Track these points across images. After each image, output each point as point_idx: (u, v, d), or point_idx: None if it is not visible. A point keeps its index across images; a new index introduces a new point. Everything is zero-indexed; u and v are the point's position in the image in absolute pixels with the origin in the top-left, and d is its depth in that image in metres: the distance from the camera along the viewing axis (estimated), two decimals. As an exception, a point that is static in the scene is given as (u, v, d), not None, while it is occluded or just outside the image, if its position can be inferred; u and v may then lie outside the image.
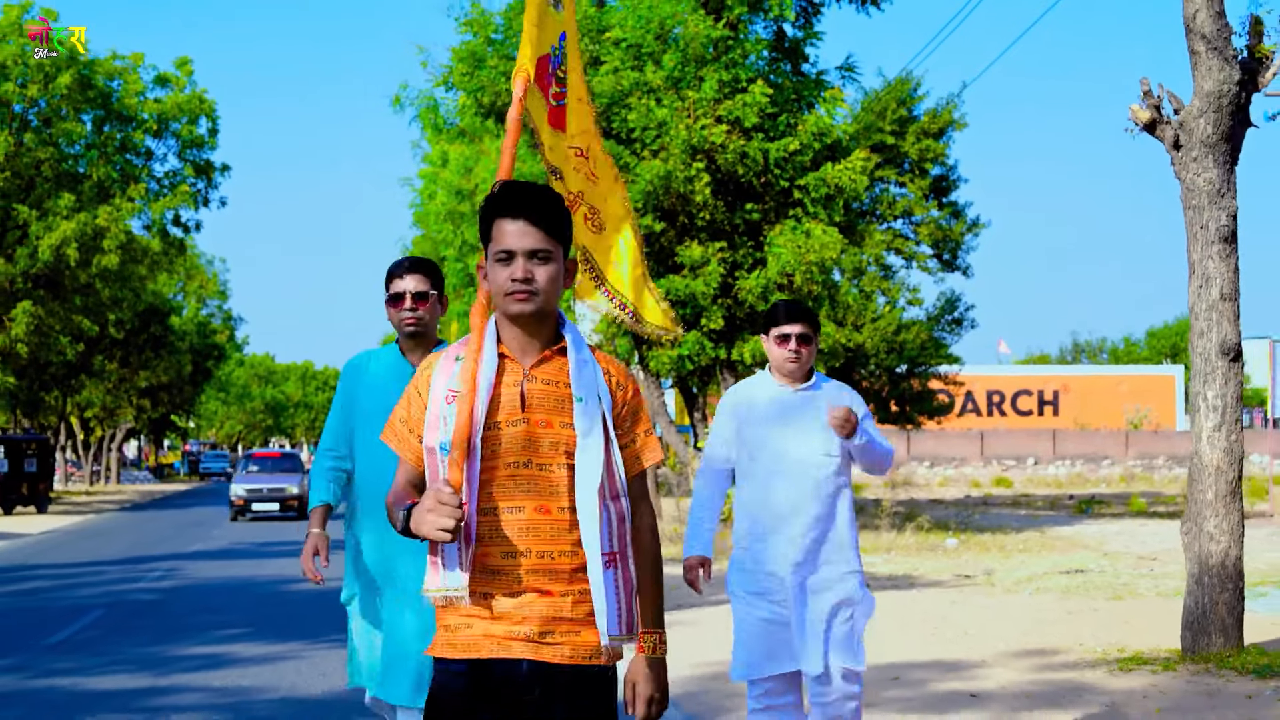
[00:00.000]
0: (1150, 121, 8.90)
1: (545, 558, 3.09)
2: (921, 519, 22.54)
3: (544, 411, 3.14)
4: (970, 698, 7.93)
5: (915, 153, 32.60)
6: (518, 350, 3.18)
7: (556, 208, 3.17)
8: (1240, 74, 8.63)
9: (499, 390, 3.14)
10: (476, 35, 19.48)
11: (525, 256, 3.10)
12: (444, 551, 3.11)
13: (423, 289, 5.07)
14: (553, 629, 3.09)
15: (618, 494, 3.18)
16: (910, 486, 45.48)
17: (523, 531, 3.10)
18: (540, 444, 3.13)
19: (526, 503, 3.11)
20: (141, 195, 35.71)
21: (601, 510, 3.12)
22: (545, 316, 3.17)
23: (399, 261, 5.18)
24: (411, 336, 5.09)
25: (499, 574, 3.10)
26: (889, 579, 15.32)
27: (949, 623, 11.34)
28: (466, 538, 3.09)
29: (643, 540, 3.26)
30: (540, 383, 3.16)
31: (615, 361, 3.29)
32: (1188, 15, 8.58)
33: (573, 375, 3.16)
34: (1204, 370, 8.83)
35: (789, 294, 19.03)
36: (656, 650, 3.22)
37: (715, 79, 18.66)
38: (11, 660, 10.02)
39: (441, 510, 2.94)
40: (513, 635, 3.08)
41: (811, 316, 5.50)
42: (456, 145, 29.93)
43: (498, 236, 3.13)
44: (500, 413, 3.13)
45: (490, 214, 3.17)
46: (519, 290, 3.09)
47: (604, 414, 3.18)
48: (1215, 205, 8.66)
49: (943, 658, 9.46)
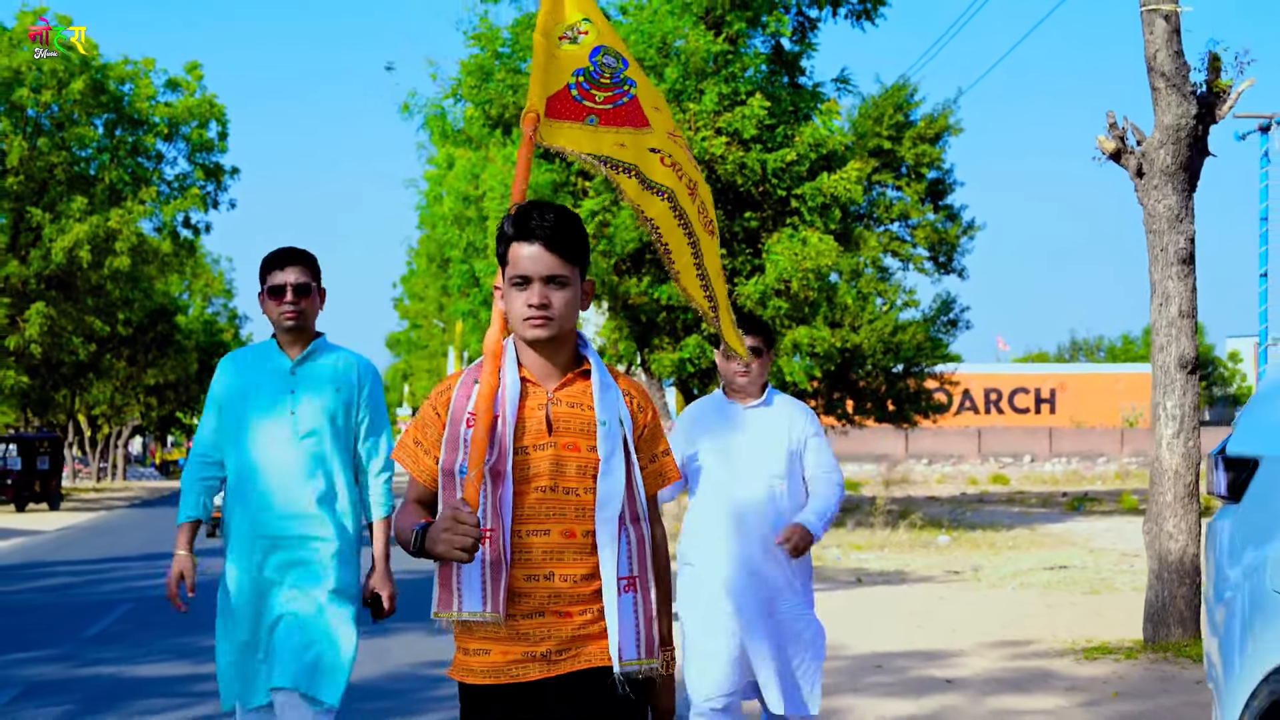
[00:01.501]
0: (1115, 151, 9.60)
1: (568, 581, 3.09)
2: (914, 516, 23.23)
3: (570, 435, 3.13)
4: (945, 683, 8.64)
5: (912, 157, 33.32)
6: (540, 374, 3.17)
7: (573, 230, 3.13)
8: (1198, 108, 9.32)
9: (524, 414, 3.12)
10: (484, 49, 20.14)
11: (542, 282, 3.08)
12: (461, 575, 3.06)
13: (304, 281, 4.88)
14: (569, 648, 3.10)
15: (638, 517, 3.17)
16: (908, 484, 46.09)
17: (547, 555, 3.09)
18: (567, 468, 3.11)
19: (553, 526, 3.10)
20: (152, 198, 36.42)
21: (621, 534, 3.12)
22: (564, 340, 3.16)
23: (277, 252, 4.95)
24: (290, 331, 4.89)
25: (521, 596, 3.08)
26: (880, 575, 15.99)
27: (934, 616, 12.03)
28: (498, 564, 3.06)
29: (655, 559, 3.25)
30: (565, 406, 3.14)
31: (634, 383, 3.29)
32: (1149, 55, 9.27)
33: (596, 398, 3.15)
34: (1164, 382, 9.53)
35: (786, 300, 19.73)
36: (668, 668, 3.20)
37: (715, 92, 19.32)
38: (56, 651, 10.72)
39: (459, 529, 2.91)
40: (529, 657, 3.08)
41: (765, 330, 5.39)
42: (463, 150, 30.59)
43: (514, 261, 3.11)
44: (527, 437, 3.11)
45: (506, 238, 3.14)
46: (535, 316, 3.08)
47: (625, 437, 3.17)
48: (1174, 230, 9.35)
49: (924, 648, 10.16)
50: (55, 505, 35.92)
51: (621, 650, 3.07)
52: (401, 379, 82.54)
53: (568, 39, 3.65)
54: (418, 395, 69.40)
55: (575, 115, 3.54)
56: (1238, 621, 3.10)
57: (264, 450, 4.88)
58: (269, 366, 4.94)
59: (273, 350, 4.95)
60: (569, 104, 3.54)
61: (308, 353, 4.95)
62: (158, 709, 8.26)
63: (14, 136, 33.96)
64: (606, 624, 3.08)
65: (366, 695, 8.45)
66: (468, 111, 21.12)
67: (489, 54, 20.07)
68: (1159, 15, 9.20)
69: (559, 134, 3.50)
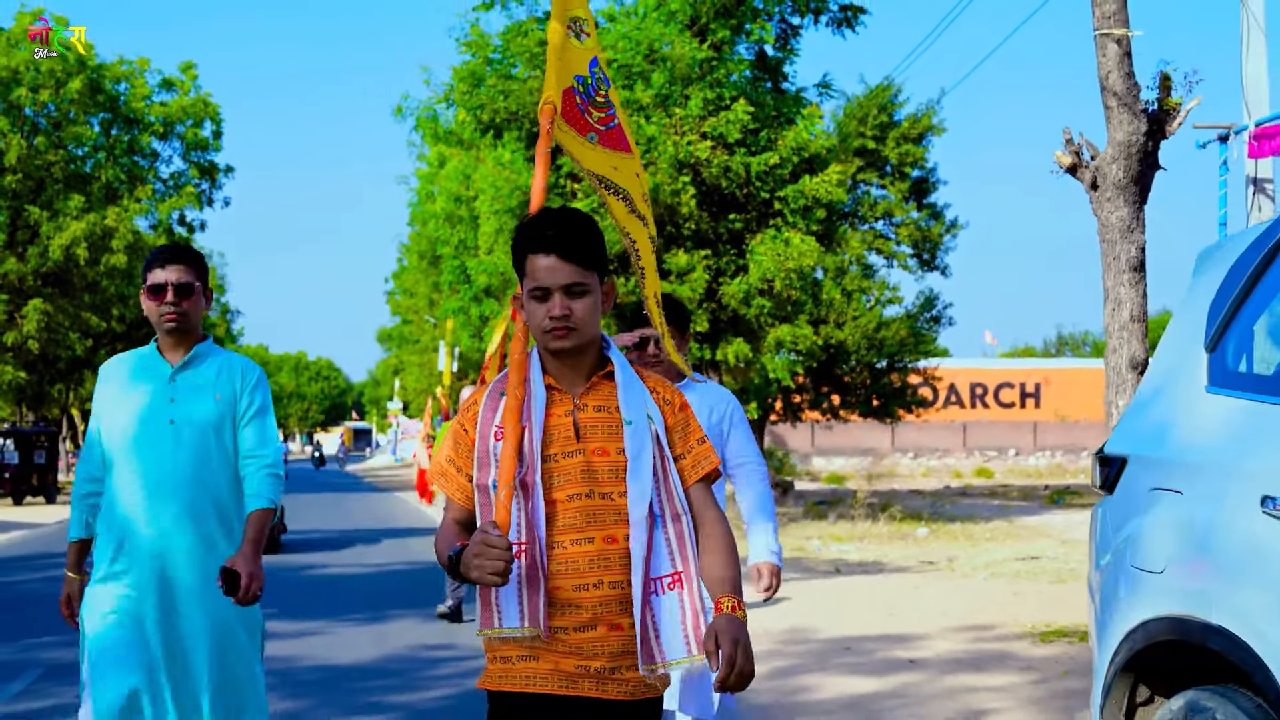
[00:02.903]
0: (1072, 165, 10.20)
1: (616, 588, 3.04)
2: (894, 509, 23.85)
3: (599, 439, 3.10)
4: (909, 663, 9.26)
5: (895, 157, 33.92)
6: (565, 380, 3.15)
7: (589, 236, 3.09)
8: (1148, 125, 9.93)
9: (551, 422, 3.09)
10: (476, 55, 20.72)
11: (561, 292, 3.05)
12: (499, 593, 3.03)
13: (186, 280, 4.63)
14: (620, 664, 3.05)
15: (679, 513, 3.11)
16: (893, 477, 46.74)
17: (593, 563, 3.04)
18: (599, 473, 3.07)
19: (596, 533, 3.05)
20: (148, 196, 36.98)
21: (658, 533, 3.08)
22: (588, 346, 3.13)
23: (158, 250, 4.73)
24: (171, 333, 4.64)
25: (574, 608, 3.04)
26: (859, 565, 16.60)
27: (905, 603, 12.65)
28: (533, 578, 3.02)
29: (716, 530, 3.17)
30: (592, 411, 3.12)
31: (659, 378, 3.24)
32: (1102, 75, 9.88)
33: (621, 398, 3.12)
34: (1116, 382, 10.15)
35: (770, 299, 20.35)
36: (736, 610, 3.04)
37: (700, 97, 19.90)
38: (71, 636, 11.25)
39: (489, 554, 2.89)
40: (582, 672, 3.03)
41: (678, 312, 5.19)
42: (455, 150, 31.16)
43: (531, 272, 3.07)
44: (555, 444, 3.08)
45: (522, 248, 3.11)
46: (557, 328, 3.05)
47: (656, 434, 3.12)
48: (1126, 239, 9.97)
49: (892, 632, 10.77)
50: (51, 498, 36.39)
51: (667, 651, 3.03)
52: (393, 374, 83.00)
53: (573, 32, 3.60)
54: (409, 389, 69.89)
55: (580, 128, 3.51)
56: (1107, 590, 3.72)
57: (143, 460, 4.59)
58: (148, 373, 4.67)
59: (153, 356, 4.69)
60: (574, 112, 3.49)
61: (189, 358, 4.70)
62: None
63: (12, 135, 34.46)
64: (635, 621, 3.02)
65: (365, 675, 9.04)
66: (459, 115, 21.69)
67: (480, 60, 20.63)
68: (1111, 39, 9.81)
69: (569, 140, 3.46)
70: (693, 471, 3.16)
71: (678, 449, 3.16)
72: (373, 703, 8.09)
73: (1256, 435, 3.23)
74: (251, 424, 4.74)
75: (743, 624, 3.02)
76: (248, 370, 4.79)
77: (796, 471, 48.62)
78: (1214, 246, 3.86)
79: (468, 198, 27.71)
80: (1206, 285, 3.70)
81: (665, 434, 3.14)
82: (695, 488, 3.16)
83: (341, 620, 11.84)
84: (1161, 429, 3.66)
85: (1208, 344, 3.57)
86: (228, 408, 4.70)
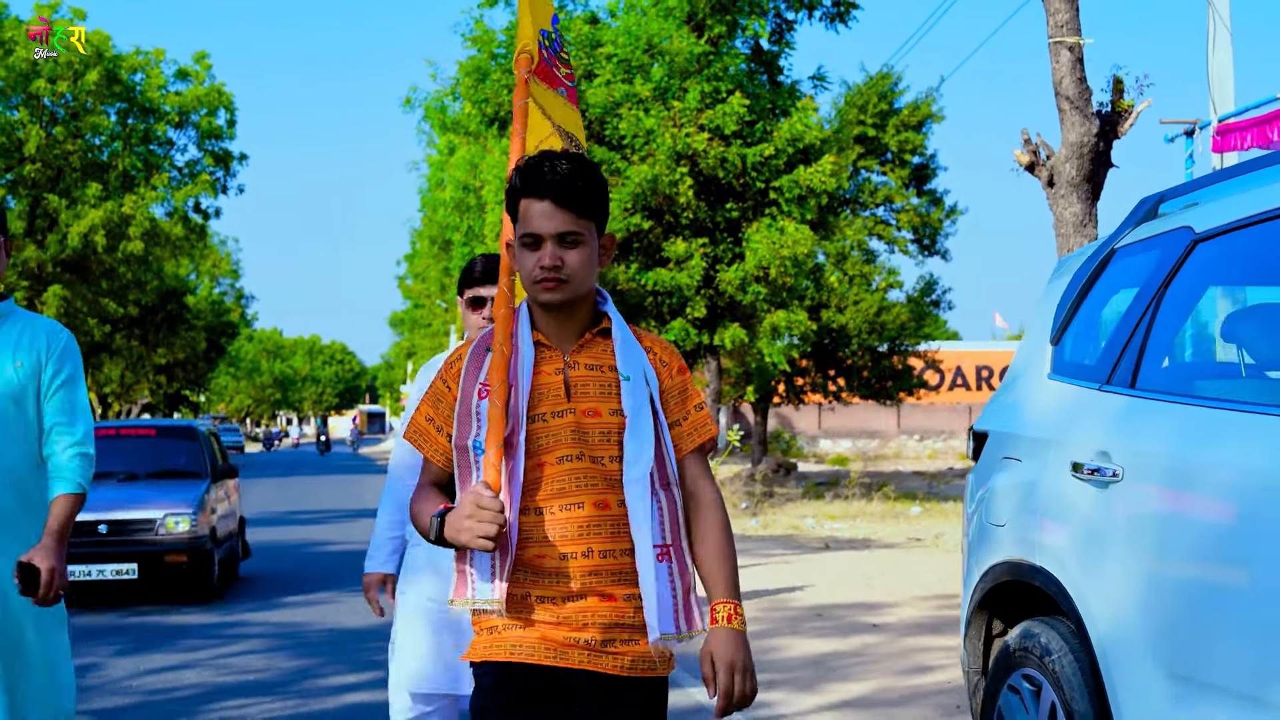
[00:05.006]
0: (1030, 164, 10.92)
1: (608, 556, 2.85)
2: (888, 488, 24.59)
3: (591, 399, 2.90)
4: (872, 627, 10.02)
5: (895, 144, 34.61)
6: (555, 336, 2.95)
7: (589, 182, 2.88)
8: (1100, 126, 10.65)
9: (539, 380, 2.90)
10: (481, 51, 21.47)
11: (554, 241, 2.85)
12: (476, 560, 2.86)
13: None
14: (614, 637, 2.86)
15: (668, 482, 2.93)
16: (898, 459, 47.45)
17: (583, 529, 2.84)
18: (590, 435, 2.88)
19: (585, 498, 2.85)
20: (164, 184, 37.73)
21: (653, 501, 2.88)
22: (581, 301, 2.93)
23: None
24: None
25: (558, 576, 2.84)
26: (849, 541, 17.36)
27: (885, 575, 13.40)
28: (504, 544, 2.82)
29: (711, 515, 2.98)
30: (584, 369, 2.92)
31: (659, 339, 3.05)
32: (1055, 80, 10.59)
33: (618, 355, 2.93)
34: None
35: (765, 286, 21.12)
36: (732, 620, 2.87)
37: (698, 90, 20.64)
38: (101, 602, 12.14)
39: (482, 516, 2.72)
40: (571, 643, 2.85)
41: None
42: (464, 139, 31.89)
43: (524, 218, 2.87)
44: (544, 404, 2.88)
45: (516, 193, 2.90)
46: (547, 278, 2.85)
47: (651, 396, 2.93)
48: (1079, 234, 10.68)
49: (865, 600, 11.53)
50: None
51: (660, 622, 2.83)
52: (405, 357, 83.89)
53: None
54: (421, 373, 70.75)
55: (550, 82, 3.36)
56: (969, 542, 4.47)
57: None
58: None
59: None
60: (544, 66, 3.36)
61: None
62: (198, 646, 9.68)
63: (31, 126, 35.27)
64: (642, 592, 2.83)
65: (371, 637, 9.82)
66: (465, 108, 22.44)
67: (485, 55, 21.38)
68: (1064, 47, 10.52)
69: (542, 93, 3.32)
70: (689, 440, 2.98)
71: (674, 414, 2.98)
72: (376, 660, 8.86)
73: (1073, 413, 3.97)
74: (58, 395, 4.26)
75: (742, 639, 2.87)
76: (54, 334, 4.31)
77: (803, 454, 49.40)
78: (1069, 257, 4.62)
79: (475, 186, 28.41)
80: (1057, 290, 4.47)
81: (660, 397, 2.95)
82: (690, 458, 2.98)
83: (350, 591, 12.62)
84: (1013, 408, 4.41)
85: (1052, 339, 4.32)
86: (30, 376, 4.22)
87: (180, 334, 54.83)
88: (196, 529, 12.06)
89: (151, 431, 14.48)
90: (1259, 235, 3.46)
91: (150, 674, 8.73)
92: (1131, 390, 3.73)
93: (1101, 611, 3.56)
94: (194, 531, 12.03)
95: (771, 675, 8.14)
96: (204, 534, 12.16)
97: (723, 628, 2.86)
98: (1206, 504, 3.24)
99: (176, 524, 11.99)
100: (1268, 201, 3.42)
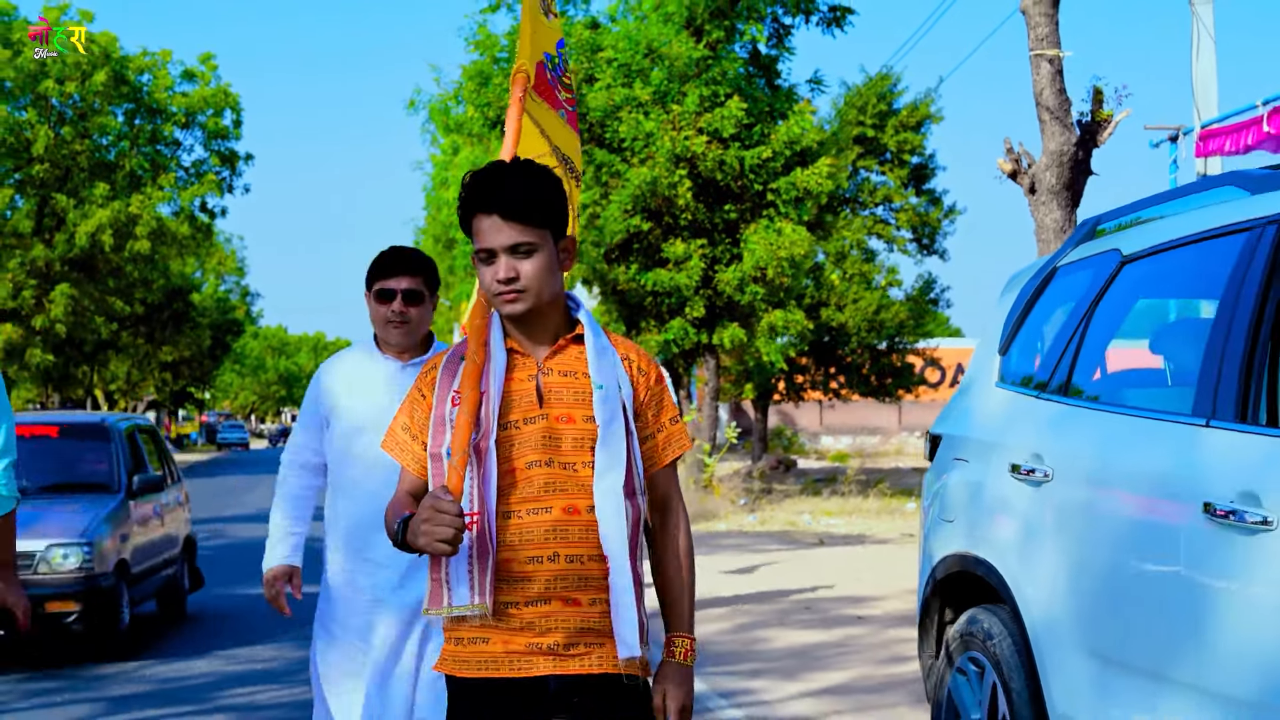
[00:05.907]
0: (1013, 171, 11.27)
1: (574, 562, 2.82)
2: (883, 484, 24.94)
3: (564, 405, 2.89)
4: (856, 619, 10.38)
5: (894, 144, 34.94)
6: (527, 344, 2.94)
7: (536, 191, 2.84)
8: (1079, 135, 10.99)
9: (511, 387, 2.89)
10: (483, 55, 21.84)
11: (506, 253, 2.83)
12: (449, 567, 2.81)
13: None
14: (578, 640, 2.83)
15: (634, 491, 2.90)
16: (899, 455, 47.78)
17: (549, 534, 2.82)
18: (563, 440, 2.87)
19: (554, 503, 2.84)
20: (170, 184, 38.19)
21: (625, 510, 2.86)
22: (548, 307, 2.91)
23: None
24: None
25: (524, 581, 2.82)
26: (843, 537, 17.71)
27: (874, 570, 13.76)
28: (483, 549, 2.80)
29: (678, 539, 3.01)
30: (557, 375, 2.91)
31: (636, 347, 3.03)
32: (1036, 91, 10.94)
33: (591, 362, 2.91)
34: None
35: (763, 286, 21.50)
36: (687, 657, 2.94)
37: (697, 94, 21.00)
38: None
39: (439, 520, 2.69)
40: (534, 650, 2.82)
41: (427, 269, 4.35)
42: (467, 140, 32.27)
43: (476, 234, 2.86)
44: (515, 410, 2.87)
45: (464, 209, 2.88)
46: (505, 291, 2.84)
47: (624, 404, 2.91)
48: (1059, 240, 11.00)
49: (853, 594, 11.89)
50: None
51: (625, 635, 2.81)
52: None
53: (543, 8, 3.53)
54: (425, 370, 71.23)
55: (552, 103, 3.40)
56: (925, 536, 4.85)
57: None
58: None
59: None
60: (546, 86, 3.40)
61: None
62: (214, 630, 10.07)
63: (40, 126, 35.72)
64: (612, 603, 2.82)
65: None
66: (468, 110, 22.80)
67: (488, 60, 21.75)
68: (1044, 59, 10.87)
69: (541, 111, 3.35)
70: (664, 453, 2.99)
71: (650, 427, 2.98)
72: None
73: (1013, 418, 4.35)
74: None
75: (692, 675, 2.95)
76: None
77: (804, 450, 49.75)
78: (1020, 272, 4.99)
79: (478, 188, 28.82)
80: (1007, 303, 4.84)
81: (636, 407, 2.96)
82: (662, 471, 2.99)
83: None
84: (964, 413, 4.78)
85: (1000, 349, 4.69)
86: None
87: (186, 331, 55.24)
88: (93, 565, 9.04)
89: (53, 430, 10.67)
90: (1179, 258, 3.82)
91: (160, 662, 9.12)
92: (1063, 398, 4.10)
93: (1034, 599, 3.93)
94: (87, 569, 9.00)
95: (756, 665, 8.51)
96: (105, 570, 9.18)
97: (678, 664, 2.93)
98: (1119, 502, 3.62)
99: (65, 558, 8.97)
100: (1188, 227, 3.78)
